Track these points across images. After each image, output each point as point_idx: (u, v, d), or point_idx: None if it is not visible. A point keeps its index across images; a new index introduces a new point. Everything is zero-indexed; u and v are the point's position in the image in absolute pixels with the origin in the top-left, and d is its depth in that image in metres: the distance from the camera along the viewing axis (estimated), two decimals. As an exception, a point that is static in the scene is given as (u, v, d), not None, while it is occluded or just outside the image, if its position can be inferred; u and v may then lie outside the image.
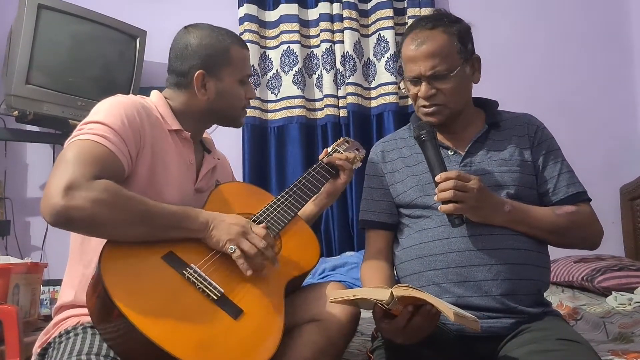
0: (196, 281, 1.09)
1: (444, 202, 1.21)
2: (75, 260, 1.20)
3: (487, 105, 1.43)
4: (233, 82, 1.32)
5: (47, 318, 2.15)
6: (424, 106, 1.33)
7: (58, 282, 2.30)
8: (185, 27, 1.34)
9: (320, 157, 1.50)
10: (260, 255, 1.15)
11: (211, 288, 1.09)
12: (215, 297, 1.08)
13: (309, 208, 1.47)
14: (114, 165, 1.11)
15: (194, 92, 1.29)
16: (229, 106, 1.34)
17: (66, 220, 1.02)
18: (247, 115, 2.76)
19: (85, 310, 1.10)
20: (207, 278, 1.10)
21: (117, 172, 1.12)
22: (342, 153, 1.49)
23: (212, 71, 1.29)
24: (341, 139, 1.58)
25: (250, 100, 1.39)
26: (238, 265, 1.14)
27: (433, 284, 1.24)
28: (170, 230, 1.12)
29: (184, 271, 1.09)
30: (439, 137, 1.38)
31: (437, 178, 1.22)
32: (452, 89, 1.30)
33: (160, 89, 1.35)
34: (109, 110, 1.17)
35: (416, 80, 1.32)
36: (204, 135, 1.43)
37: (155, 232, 1.10)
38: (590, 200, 1.34)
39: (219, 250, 1.15)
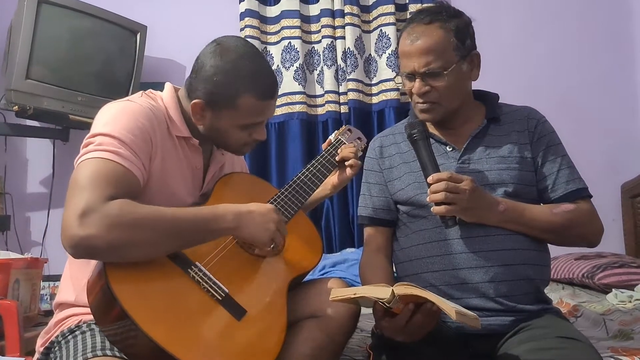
0: (201, 280, 1.08)
1: (437, 203, 1.19)
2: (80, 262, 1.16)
3: (487, 99, 1.40)
4: (231, 126, 1.22)
5: (47, 313, 2.16)
6: (419, 102, 1.31)
7: (58, 278, 2.28)
8: (217, 44, 1.21)
9: (323, 146, 1.48)
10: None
11: (216, 288, 1.09)
12: (220, 298, 1.08)
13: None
14: (129, 182, 1.06)
15: None
16: (224, 143, 1.27)
17: (87, 250, 0.98)
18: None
19: (86, 310, 1.09)
20: (212, 277, 1.10)
21: (132, 188, 1.07)
22: (347, 146, 1.45)
23: (213, 106, 1.20)
24: (343, 127, 1.56)
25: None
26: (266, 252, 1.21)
27: (430, 286, 1.22)
28: (201, 234, 1.09)
29: (189, 270, 1.09)
30: (437, 132, 1.37)
31: (429, 179, 1.20)
32: (446, 87, 1.27)
33: (161, 85, 1.28)
34: (118, 120, 1.11)
35: (410, 76, 1.29)
36: None
37: (186, 241, 1.08)
38: (591, 196, 1.31)
39: (253, 243, 1.18)
